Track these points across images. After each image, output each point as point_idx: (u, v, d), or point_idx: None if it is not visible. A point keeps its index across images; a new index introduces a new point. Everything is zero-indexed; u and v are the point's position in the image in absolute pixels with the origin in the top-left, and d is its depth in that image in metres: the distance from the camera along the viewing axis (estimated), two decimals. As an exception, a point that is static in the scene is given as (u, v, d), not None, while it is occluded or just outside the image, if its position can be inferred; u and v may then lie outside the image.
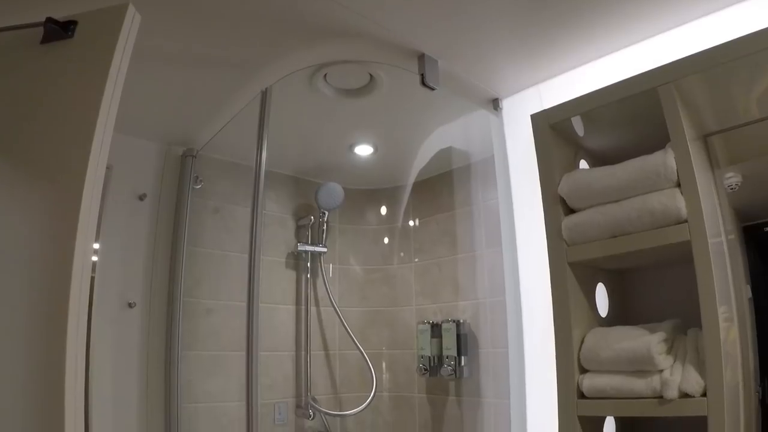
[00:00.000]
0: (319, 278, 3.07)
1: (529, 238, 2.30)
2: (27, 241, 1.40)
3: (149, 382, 2.46)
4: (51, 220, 1.39)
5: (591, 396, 1.72)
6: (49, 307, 1.33)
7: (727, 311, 1.57)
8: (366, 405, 2.84)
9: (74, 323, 1.31)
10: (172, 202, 2.64)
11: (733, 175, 1.87)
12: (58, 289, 1.31)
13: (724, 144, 1.84)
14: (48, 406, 1.31)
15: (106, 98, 1.40)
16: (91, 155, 1.36)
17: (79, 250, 1.33)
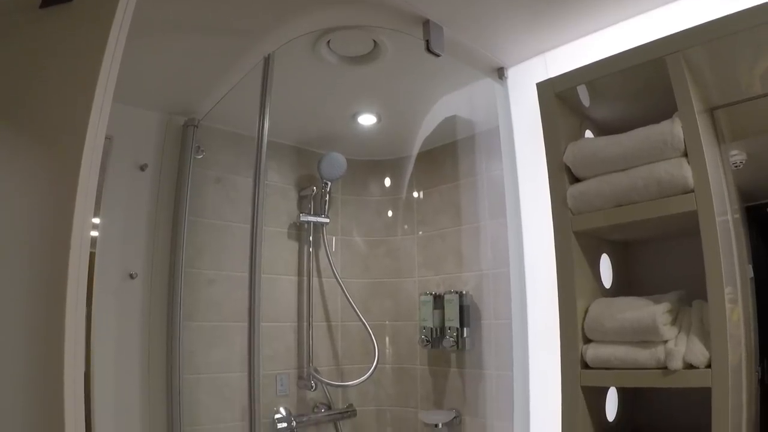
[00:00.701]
0: (321, 249, 3.06)
1: (533, 210, 2.28)
2: (25, 208, 1.38)
3: (151, 353, 2.45)
4: (50, 186, 1.37)
5: (595, 366, 1.72)
6: (48, 275, 1.32)
7: (732, 292, 1.56)
8: (368, 376, 2.84)
9: (74, 290, 1.29)
10: (174, 172, 2.62)
11: (738, 152, 1.87)
12: (57, 257, 1.30)
13: (729, 119, 1.83)
14: (46, 376, 1.30)
15: (106, 63, 1.37)
16: (90, 122, 1.34)
17: (78, 217, 1.31)
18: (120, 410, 2.34)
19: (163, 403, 2.45)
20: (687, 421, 1.94)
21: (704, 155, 1.56)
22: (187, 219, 2.55)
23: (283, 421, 2.79)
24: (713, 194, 1.53)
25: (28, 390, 1.33)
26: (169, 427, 2.44)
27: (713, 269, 1.50)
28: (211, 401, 2.61)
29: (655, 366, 1.60)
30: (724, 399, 1.48)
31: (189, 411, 2.50)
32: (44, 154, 1.41)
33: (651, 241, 2.12)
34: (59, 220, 1.31)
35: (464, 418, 2.81)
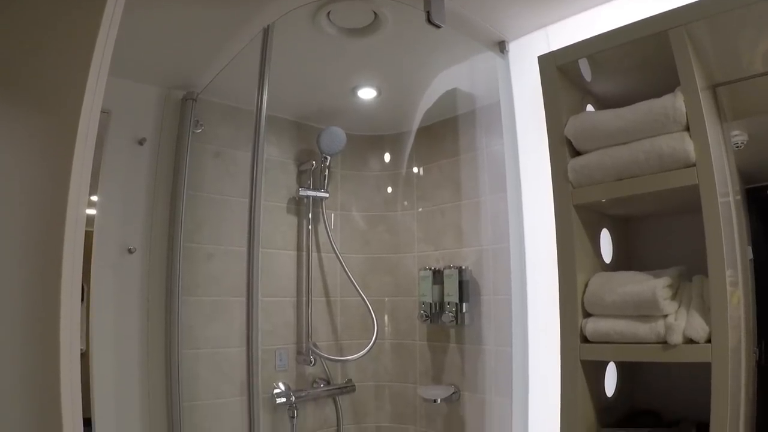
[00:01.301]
0: (320, 224, 3.05)
1: (534, 185, 2.27)
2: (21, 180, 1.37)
3: (150, 328, 2.45)
4: (46, 158, 1.36)
5: (594, 340, 1.71)
6: (44, 247, 1.31)
7: (733, 275, 1.55)
8: (367, 351, 2.84)
9: (69, 263, 1.29)
10: (172, 146, 2.61)
11: (739, 133, 1.86)
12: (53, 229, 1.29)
13: (731, 97, 1.81)
14: (42, 348, 1.29)
15: (102, 34, 1.36)
16: (86, 93, 1.33)
17: (74, 187, 1.30)
18: (119, 385, 2.35)
19: (162, 378, 2.46)
20: (686, 399, 1.95)
21: (706, 129, 1.55)
22: (186, 193, 2.54)
23: (282, 396, 2.79)
24: (715, 169, 1.52)
25: (23, 364, 1.32)
26: (168, 402, 2.45)
27: (714, 244, 1.50)
28: (210, 376, 2.61)
29: (655, 340, 1.60)
30: (723, 374, 1.47)
31: (188, 386, 2.50)
32: (40, 125, 1.40)
33: (651, 217, 2.11)
34: (55, 192, 1.30)
35: (463, 393, 2.82)
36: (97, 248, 2.33)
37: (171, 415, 2.44)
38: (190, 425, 2.50)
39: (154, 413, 2.42)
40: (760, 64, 1.75)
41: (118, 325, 2.37)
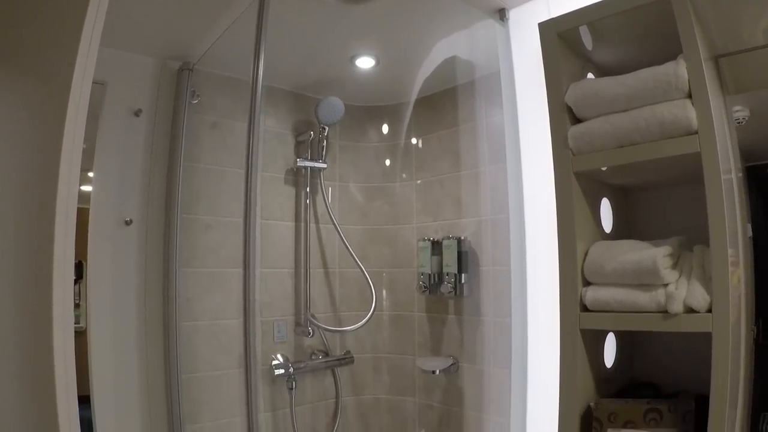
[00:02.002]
0: (318, 195, 3.03)
1: (533, 155, 2.25)
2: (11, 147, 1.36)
3: (147, 300, 2.44)
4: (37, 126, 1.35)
5: (594, 309, 1.71)
6: (36, 220, 1.30)
7: (734, 255, 1.54)
8: (365, 321, 2.84)
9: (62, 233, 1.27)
10: (169, 117, 2.59)
11: (741, 108, 1.85)
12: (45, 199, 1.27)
13: (732, 69, 1.80)
14: (36, 318, 1.28)
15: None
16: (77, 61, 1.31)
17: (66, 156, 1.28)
18: (117, 360, 2.34)
19: (161, 351, 2.46)
20: (685, 372, 1.95)
21: (709, 97, 1.53)
22: (183, 164, 2.53)
23: (281, 368, 2.79)
24: (717, 139, 1.50)
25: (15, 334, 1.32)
26: (167, 374, 2.44)
27: (715, 213, 1.48)
28: (208, 348, 2.61)
29: (656, 309, 1.59)
30: (724, 344, 1.47)
31: (186, 358, 2.50)
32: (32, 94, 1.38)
33: (652, 188, 2.10)
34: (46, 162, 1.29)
35: (462, 365, 2.82)
36: (93, 220, 2.31)
37: (169, 387, 2.44)
38: (189, 397, 2.51)
39: (153, 386, 2.43)
40: (761, 36, 1.73)
41: (115, 298, 2.36)
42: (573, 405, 1.75)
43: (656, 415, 1.69)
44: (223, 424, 2.64)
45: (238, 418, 2.66)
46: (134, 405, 2.38)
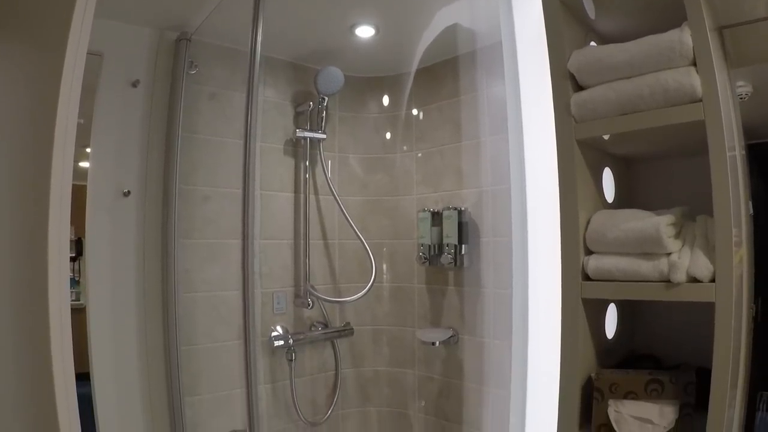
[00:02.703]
0: (318, 166, 3.01)
1: (535, 126, 2.23)
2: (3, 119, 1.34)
3: (146, 271, 2.43)
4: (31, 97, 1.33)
5: (596, 278, 1.69)
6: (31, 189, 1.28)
7: (738, 235, 1.52)
8: (365, 292, 2.83)
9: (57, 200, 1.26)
10: (167, 88, 2.56)
11: (744, 84, 1.84)
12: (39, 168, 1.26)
13: (736, 42, 1.78)
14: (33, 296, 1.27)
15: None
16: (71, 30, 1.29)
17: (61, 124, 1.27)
18: (116, 334, 2.34)
19: (160, 323, 2.45)
20: (686, 345, 1.95)
21: (713, 64, 1.50)
22: (181, 135, 2.50)
23: (280, 339, 2.79)
24: (722, 107, 1.48)
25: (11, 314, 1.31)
26: (166, 347, 2.44)
27: (720, 181, 1.47)
28: (207, 320, 2.61)
29: (658, 278, 1.58)
30: (727, 314, 1.46)
31: (186, 330, 2.50)
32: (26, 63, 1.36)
33: (654, 159, 2.09)
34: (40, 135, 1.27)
35: (462, 336, 2.81)
36: (91, 192, 2.30)
37: (169, 360, 2.43)
38: (188, 370, 2.50)
39: (152, 359, 2.42)
40: (763, 9, 1.71)
41: (114, 271, 2.35)
42: (574, 375, 1.74)
43: (657, 386, 1.68)
44: (222, 396, 2.64)
45: (237, 390, 2.67)
46: (134, 379, 2.38)
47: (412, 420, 3.14)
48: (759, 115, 1.86)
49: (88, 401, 2.21)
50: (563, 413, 1.78)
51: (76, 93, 1.31)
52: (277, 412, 2.87)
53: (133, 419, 2.36)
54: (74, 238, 2.31)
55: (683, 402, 1.65)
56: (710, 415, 1.48)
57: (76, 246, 2.31)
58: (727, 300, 1.46)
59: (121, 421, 2.31)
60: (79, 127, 1.30)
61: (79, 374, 1.29)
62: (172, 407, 2.43)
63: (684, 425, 1.64)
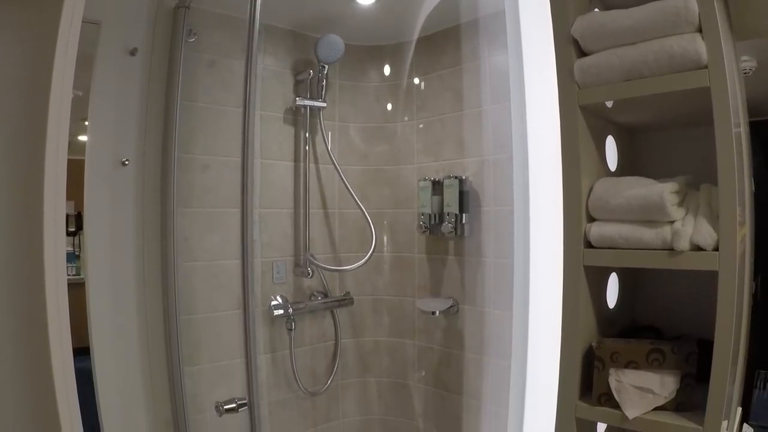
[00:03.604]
0: (318, 135, 2.99)
1: (538, 94, 2.20)
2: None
3: (145, 241, 2.41)
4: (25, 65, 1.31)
5: (598, 245, 1.69)
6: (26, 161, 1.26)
7: (741, 214, 1.52)
8: (365, 261, 2.82)
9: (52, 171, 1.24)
10: (165, 56, 2.52)
11: (749, 59, 1.82)
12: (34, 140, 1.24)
13: (740, 13, 1.76)
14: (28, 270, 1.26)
15: None
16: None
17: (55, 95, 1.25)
18: (116, 306, 2.32)
19: (159, 294, 2.44)
20: (687, 317, 1.95)
21: (719, 30, 1.49)
22: (180, 104, 2.47)
23: (280, 308, 2.79)
24: (727, 75, 1.47)
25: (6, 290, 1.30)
26: (166, 316, 2.43)
27: (724, 149, 1.46)
28: (207, 289, 2.60)
29: (661, 246, 1.58)
30: (730, 283, 1.45)
31: (185, 299, 2.49)
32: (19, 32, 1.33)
33: (657, 129, 2.08)
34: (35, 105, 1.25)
35: (462, 306, 2.81)
36: (89, 162, 2.27)
37: (168, 330, 2.42)
38: (188, 340, 2.50)
39: (152, 330, 2.41)
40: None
41: (113, 243, 2.33)
42: (575, 343, 1.74)
43: (659, 356, 1.68)
44: (222, 365, 2.64)
45: (237, 360, 2.66)
46: (133, 351, 2.37)
47: (411, 390, 3.15)
48: (763, 91, 1.85)
49: (89, 375, 2.21)
50: (564, 383, 1.79)
51: (71, 63, 1.29)
52: (277, 382, 2.88)
53: (133, 391, 2.36)
54: (74, 212, 2.29)
55: (684, 372, 1.65)
56: (711, 388, 1.49)
57: (76, 221, 2.30)
58: (731, 268, 1.45)
59: (122, 393, 2.31)
60: (78, 99, 1.29)
61: (80, 348, 1.29)
62: (171, 378, 2.43)
63: (685, 395, 1.65)
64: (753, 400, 1.89)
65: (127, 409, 2.33)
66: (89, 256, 2.25)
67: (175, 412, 2.44)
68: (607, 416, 1.71)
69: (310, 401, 3.03)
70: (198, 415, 2.54)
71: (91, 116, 2.28)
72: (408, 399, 3.16)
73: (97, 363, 2.23)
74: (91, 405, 2.20)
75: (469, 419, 2.81)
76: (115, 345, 2.31)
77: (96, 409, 2.22)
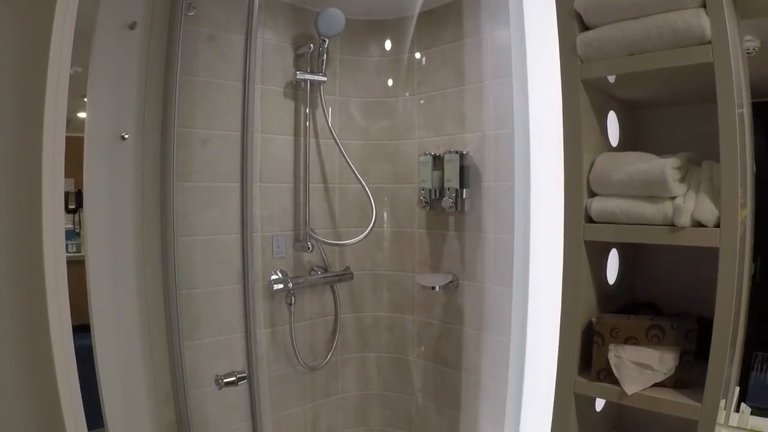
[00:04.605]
0: (318, 109, 2.97)
1: (540, 70, 2.19)
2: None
3: (145, 216, 2.41)
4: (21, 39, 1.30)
5: (599, 220, 1.69)
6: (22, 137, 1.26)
7: (743, 196, 1.51)
8: (365, 234, 2.81)
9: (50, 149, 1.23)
10: (164, 30, 2.50)
11: (752, 38, 1.81)
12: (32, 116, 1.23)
13: None
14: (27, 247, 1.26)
15: None
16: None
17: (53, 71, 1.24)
18: (115, 279, 2.32)
19: (159, 269, 2.43)
20: (687, 294, 1.95)
21: (723, 6, 1.47)
22: (180, 77, 2.46)
23: (280, 283, 2.78)
24: (731, 52, 1.45)
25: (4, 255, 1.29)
26: (166, 291, 2.43)
27: (727, 125, 1.45)
28: (207, 264, 2.59)
29: (662, 222, 1.57)
30: (731, 260, 1.45)
31: (185, 274, 2.48)
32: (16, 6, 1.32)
33: (660, 105, 2.07)
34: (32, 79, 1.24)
35: (462, 282, 2.81)
36: (88, 136, 2.26)
37: (168, 305, 2.43)
38: (188, 314, 2.50)
39: (152, 305, 2.41)
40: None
41: (112, 218, 2.31)
42: (575, 319, 1.75)
43: (658, 332, 1.68)
44: (222, 340, 2.64)
45: (237, 335, 2.67)
46: (134, 327, 2.37)
47: (411, 365, 3.16)
48: (766, 72, 1.83)
49: (89, 352, 2.21)
50: (563, 358, 1.79)
51: (68, 38, 1.28)
52: (277, 357, 2.88)
53: (133, 367, 2.36)
54: (74, 190, 2.29)
55: (684, 349, 1.65)
56: (711, 366, 1.49)
57: (76, 198, 2.29)
58: (732, 245, 1.45)
59: (122, 369, 2.31)
60: (77, 75, 1.27)
61: (80, 326, 1.29)
62: (172, 353, 2.43)
63: (683, 373, 1.65)
64: (750, 382, 1.90)
65: (127, 385, 2.34)
66: (88, 232, 2.24)
67: (175, 387, 2.45)
68: (606, 392, 1.72)
69: (309, 376, 3.04)
70: (198, 390, 2.55)
71: (90, 92, 2.26)
72: (407, 374, 3.17)
73: (97, 339, 2.23)
74: (91, 381, 2.21)
75: (468, 395, 2.82)
76: (115, 321, 2.31)
77: (96, 385, 2.23)
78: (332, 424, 3.21)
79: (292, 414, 2.99)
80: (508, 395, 2.45)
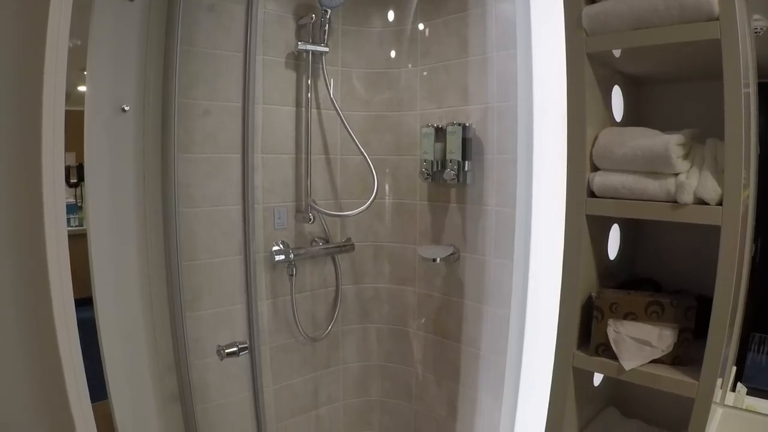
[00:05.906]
0: (320, 80, 2.95)
1: (544, 43, 2.18)
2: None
3: (146, 188, 2.40)
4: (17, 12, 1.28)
5: (601, 195, 1.68)
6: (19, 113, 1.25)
7: (746, 177, 1.51)
8: (367, 206, 2.79)
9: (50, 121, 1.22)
10: (164, 1, 2.48)
11: (760, 18, 1.79)
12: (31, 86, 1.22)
13: None
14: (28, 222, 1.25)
15: None
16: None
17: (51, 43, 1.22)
18: (117, 248, 2.32)
19: (161, 239, 2.43)
20: (687, 272, 1.95)
21: (731, -19, 1.45)
22: (180, 49, 2.43)
23: (281, 254, 2.79)
24: (738, 20, 1.43)
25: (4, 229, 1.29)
26: (168, 262, 2.43)
27: (733, 103, 1.44)
28: (208, 235, 2.59)
29: (665, 198, 1.57)
30: (733, 238, 1.45)
31: (187, 245, 2.49)
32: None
33: (665, 81, 2.05)
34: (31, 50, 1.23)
35: (463, 254, 2.81)
36: (88, 109, 2.25)
37: (170, 276, 2.43)
38: (189, 285, 2.51)
39: (154, 276, 2.41)
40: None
41: (114, 191, 2.31)
42: (575, 293, 1.75)
43: (658, 309, 1.68)
44: (223, 311, 2.65)
45: (239, 306, 2.68)
46: (136, 299, 2.37)
47: (411, 337, 3.17)
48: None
49: (92, 325, 2.22)
50: (562, 332, 1.79)
51: (67, 11, 1.26)
52: (278, 327, 2.90)
53: (136, 339, 2.37)
54: (75, 164, 2.28)
55: (683, 326, 1.66)
56: (709, 343, 1.50)
57: (77, 172, 2.29)
58: (734, 223, 1.45)
59: (125, 341, 2.33)
60: (77, 48, 1.26)
61: (83, 299, 1.29)
62: (174, 324, 2.44)
63: (682, 350, 1.65)
64: (747, 363, 1.91)
65: (130, 357, 2.36)
66: (90, 205, 2.24)
67: (177, 358, 2.46)
68: (604, 367, 1.72)
69: (310, 347, 3.06)
70: (200, 361, 2.57)
71: (89, 64, 2.24)
72: (407, 346, 3.19)
73: (99, 312, 2.24)
74: (94, 354, 2.22)
75: (468, 367, 2.84)
76: (117, 293, 2.31)
77: (99, 357, 2.24)
78: (333, 395, 3.23)
79: (293, 384, 3.01)
80: (507, 368, 2.46)
